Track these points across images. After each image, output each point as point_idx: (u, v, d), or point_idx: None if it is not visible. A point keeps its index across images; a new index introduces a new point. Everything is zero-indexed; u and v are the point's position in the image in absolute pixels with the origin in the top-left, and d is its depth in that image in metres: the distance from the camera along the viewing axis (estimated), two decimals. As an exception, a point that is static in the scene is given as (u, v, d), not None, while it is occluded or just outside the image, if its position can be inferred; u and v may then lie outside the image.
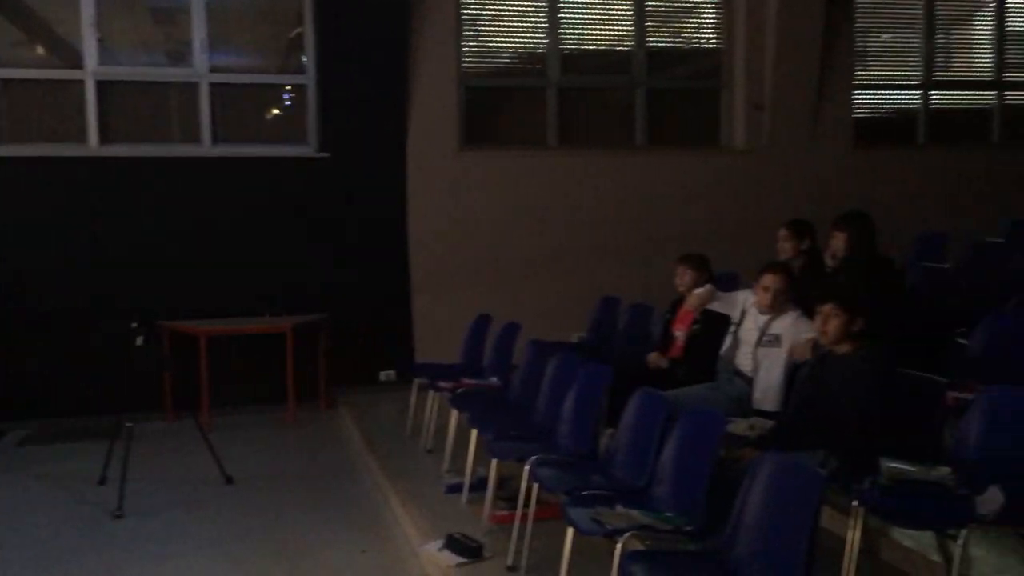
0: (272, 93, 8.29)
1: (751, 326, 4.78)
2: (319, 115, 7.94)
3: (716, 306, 5.04)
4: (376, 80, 7.84)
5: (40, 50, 8.05)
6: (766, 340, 4.66)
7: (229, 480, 5.77)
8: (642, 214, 8.41)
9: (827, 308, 3.99)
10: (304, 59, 7.99)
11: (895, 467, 3.48)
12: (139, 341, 5.57)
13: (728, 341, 4.90)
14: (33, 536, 4.98)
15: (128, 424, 5.38)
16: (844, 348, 3.99)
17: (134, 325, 5.59)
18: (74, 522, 5.17)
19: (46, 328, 7.24)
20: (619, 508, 3.56)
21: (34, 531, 5.05)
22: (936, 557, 3.63)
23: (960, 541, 3.20)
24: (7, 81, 7.50)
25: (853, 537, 3.37)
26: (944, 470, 3.47)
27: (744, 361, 4.75)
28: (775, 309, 4.65)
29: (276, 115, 8.39)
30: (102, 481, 5.67)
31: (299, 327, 7.34)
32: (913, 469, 3.47)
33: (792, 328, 4.60)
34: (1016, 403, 3.56)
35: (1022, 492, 3.28)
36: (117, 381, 6.08)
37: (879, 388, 3.83)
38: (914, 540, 3.82)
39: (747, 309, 4.88)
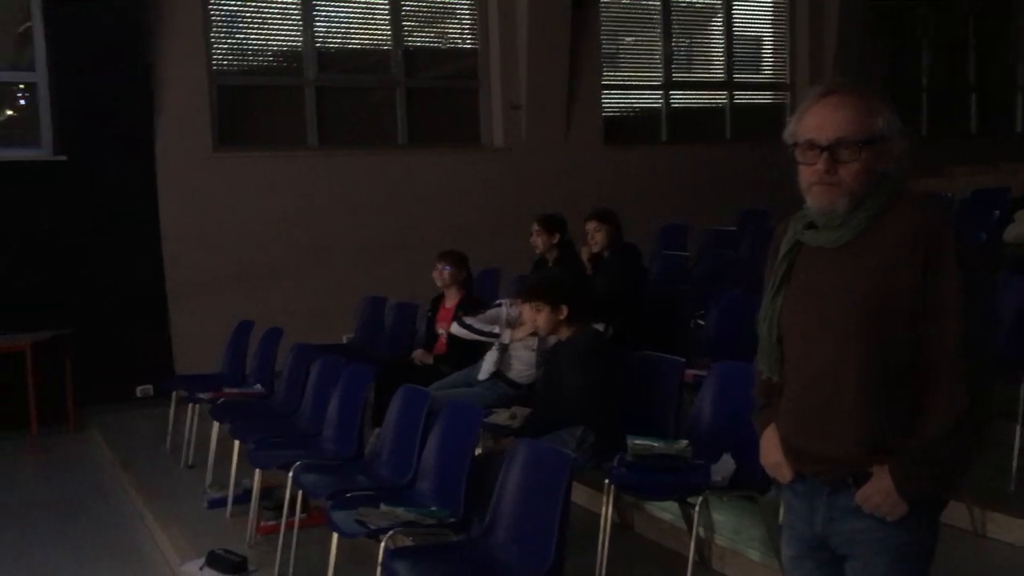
0: (3, 92, 7.61)
1: (525, 346, 4.84)
2: (54, 115, 7.36)
3: (479, 325, 5.05)
4: (117, 77, 7.36)
5: None
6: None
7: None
8: (405, 213, 8.45)
9: (529, 306, 4.19)
10: (34, 55, 7.38)
11: (640, 443, 3.72)
12: None
13: (496, 354, 4.92)
14: None
15: None
16: (565, 333, 4.20)
17: None
18: None
19: None
20: (383, 507, 3.56)
21: None
22: (683, 525, 3.91)
23: (697, 508, 3.46)
24: None
25: (606, 513, 3.57)
26: (683, 443, 3.75)
27: (520, 376, 4.85)
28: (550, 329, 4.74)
29: (8, 116, 7.71)
30: None
31: (40, 344, 6.78)
32: (657, 444, 3.73)
33: None
34: (744, 376, 3.89)
35: (750, 459, 3.60)
36: None
37: (595, 364, 4.05)
38: (667, 512, 4.10)
39: (509, 321, 4.96)
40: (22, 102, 7.66)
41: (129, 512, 5.44)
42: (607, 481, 3.61)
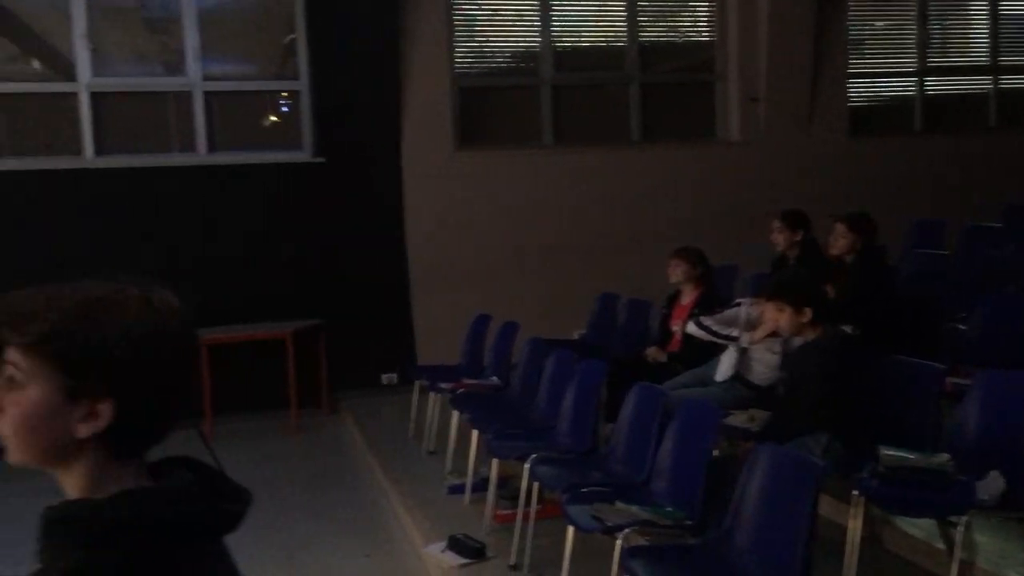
0: (267, 100, 8.31)
1: (768, 348, 4.63)
2: (314, 120, 7.94)
3: (716, 327, 4.86)
4: (369, 84, 7.84)
5: (35, 64, 8.07)
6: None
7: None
8: (638, 209, 8.40)
9: (772, 305, 4.01)
10: (298, 65, 8.00)
11: (893, 454, 3.48)
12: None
13: (734, 355, 4.74)
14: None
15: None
16: (810, 335, 4.01)
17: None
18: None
19: None
20: (618, 504, 3.56)
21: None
22: (940, 544, 3.62)
23: (961, 528, 3.19)
24: (2, 95, 7.51)
25: (854, 527, 3.37)
26: (943, 456, 3.47)
27: (760, 378, 4.66)
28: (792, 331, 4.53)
29: (272, 121, 8.41)
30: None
31: (299, 333, 7.34)
32: (912, 456, 3.47)
33: None
34: (1013, 387, 3.55)
35: (1022, 477, 3.27)
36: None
37: (842, 368, 3.83)
38: (917, 528, 3.81)
39: (749, 322, 4.77)
40: (285, 108, 8.33)
41: (376, 491, 5.78)
42: (855, 492, 3.40)
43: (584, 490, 3.71)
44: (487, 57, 8.63)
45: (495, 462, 4.66)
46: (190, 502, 1.13)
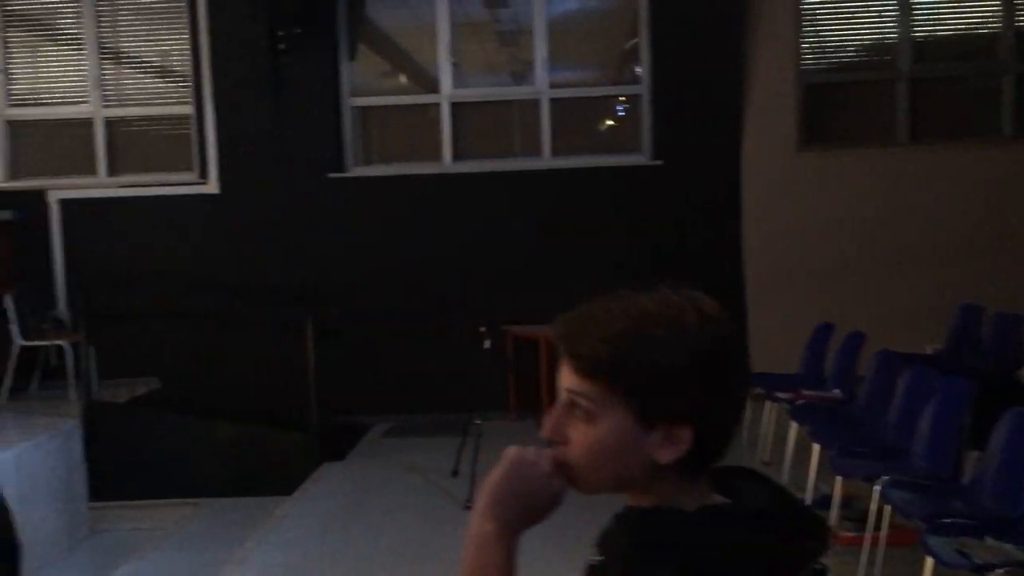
0: (606, 104, 8.50)
1: None
2: (653, 123, 8.00)
3: None
4: (710, 84, 7.75)
5: (402, 79, 8.89)
6: None
7: (568, 481, 5.95)
8: (1007, 212, 7.53)
9: None
10: (638, 69, 8.10)
11: None
12: (486, 344, 5.94)
13: None
14: (395, 516, 5.49)
15: (477, 422, 5.75)
16: None
17: (482, 329, 5.97)
18: (428, 510, 5.62)
19: (404, 330, 7.94)
20: (988, 540, 3.20)
21: (397, 512, 5.57)
22: None
23: None
24: (370, 108, 8.34)
25: None
26: None
27: None
28: None
29: (610, 125, 8.59)
30: (455, 473, 6.11)
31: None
32: None
33: None
34: None
35: None
36: (465, 381, 6.55)
37: None
38: None
39: None
40: (621, 112, 8.47)
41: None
42: None
43: (947, 521, 3.37)
44: (834, 51, 8.17)
45: (838, 480, 4.40)
46: (772, 529, 1.04)
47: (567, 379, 1.09)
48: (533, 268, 7.91)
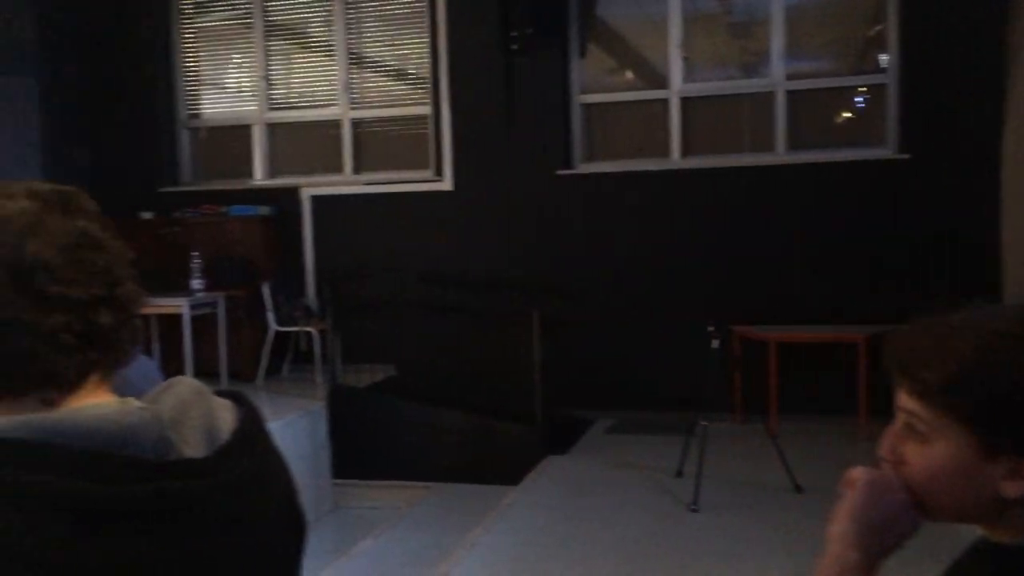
0: (844, 96, 8.08)
1: None
2: (899, 115, 7.51)
3: None
4: (966, 72, 7.17)
5: (628, 75, 8.86)
6: None
7: (799, 489, 5.73)
8: None
9: None
10: (883, 57, 7.63)
11: None
12: (714, 344, 5.81)
13: None
14: (620, 512, 5.49)
15: (703, 423, 5.64)
16: None
17: (710, 328, 5.84)
18: (653, 509, 5.58)
19: (630, 327, 7.93)
20: None
21: (621, 509, 5.57)
22: None
23: None
24: (598, 105, 8.37)
25: None
26: None
27: None
28: None
29: (849, 118, 8.16)
30: (679, 474, 6.03)
31: (875, 337, 7.01)
32: None
33: None
34: None
35: None
36: (691, 380, 6.44)
37: None
38: None
39: None
40: (860, 104, 8.00)
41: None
42: None
43: None
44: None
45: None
46: None
47: (904, 400, 1.05)
48: (764, 267, 7.67)
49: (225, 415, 1.09)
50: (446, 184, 8.43)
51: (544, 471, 6.52)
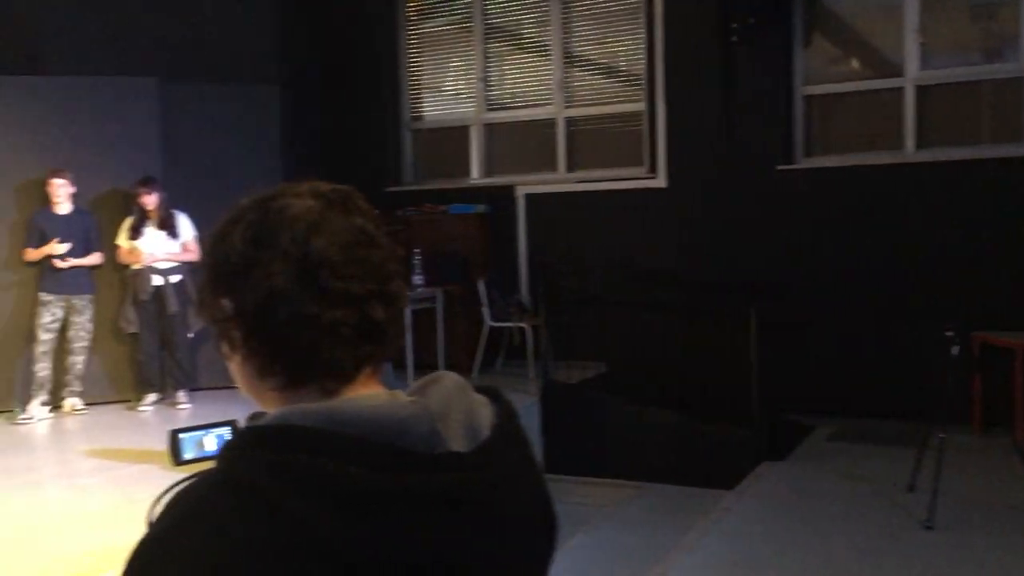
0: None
1: None
2: None
3: None
4: None
5: (854, 63, 8.38)
6: None
7: (1050, 511, 5.22)
8: None
9: None
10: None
11: None
12: (954, 351, 5.38)
13: None
14: (843, 525, 5.21)
15: (941, 435, 5.24)
16: None
17: (948, 333, 5.42)
18: (881, 524, 5.24)
19: (856, 329, 7.51)
20: None
21: (844, 522, 5.28)
22: None
23: None
24: (820, 96, 7.97)
25: None
26: None
27: None
28: None
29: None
30: (911, 488, 5.64)
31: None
32: None
33: None
34: None
35: None
36: (924, 388, 6.01)
37: None
38: None
39: None
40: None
41: None
42: None
43: None
44: None
45: None
46: None
47: None
48: (1008, 268, 7.05)
49: (484, 411, 1.10)
50: (660, 181, 8.32)
51: (761, 477, 6.30)
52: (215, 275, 1.06)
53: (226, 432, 1.28)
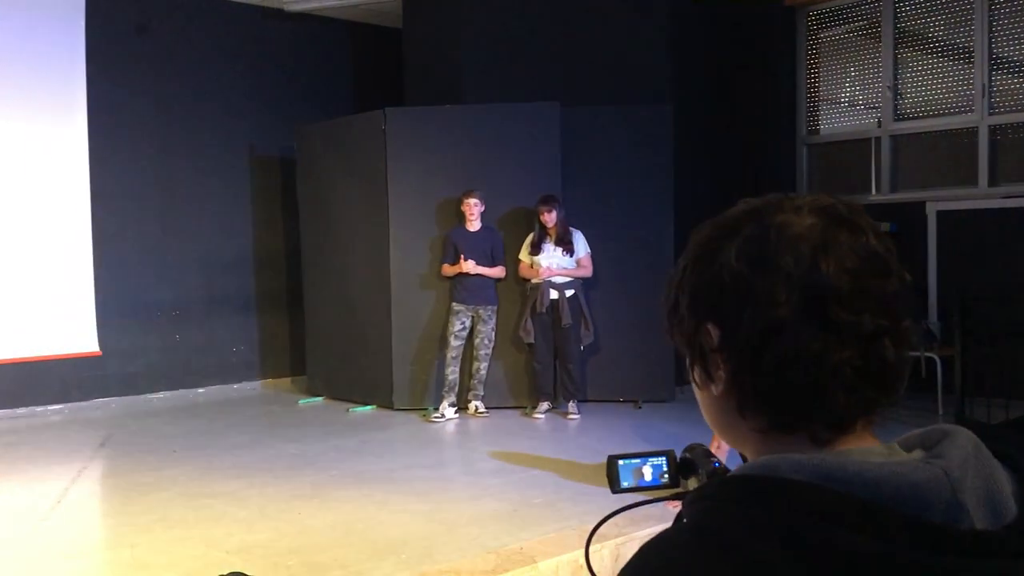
0: None
1: None
2: None
3: None
4: None
5: None
6: None
7: None
8: None
9: None
10: None
11: None
12: None
13: None
14: None
15: None
16: None
17: None
18: None
19: None
20: None
21: None
22: None
23: None
24: None
25: None
26: None
27: None
28: None
29: None
30: None
31: None
32: None
33: None
34: None
35: None
36: None
37: None
38: None
39: None
40: None
41: None
42: None
43: None
44: None
45: None
46: None
47: None
48: None
49: (1001, 476, 0.90)
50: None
51: None
52: (699, 295, 0.94)
53: (662, 462, 1.23)
